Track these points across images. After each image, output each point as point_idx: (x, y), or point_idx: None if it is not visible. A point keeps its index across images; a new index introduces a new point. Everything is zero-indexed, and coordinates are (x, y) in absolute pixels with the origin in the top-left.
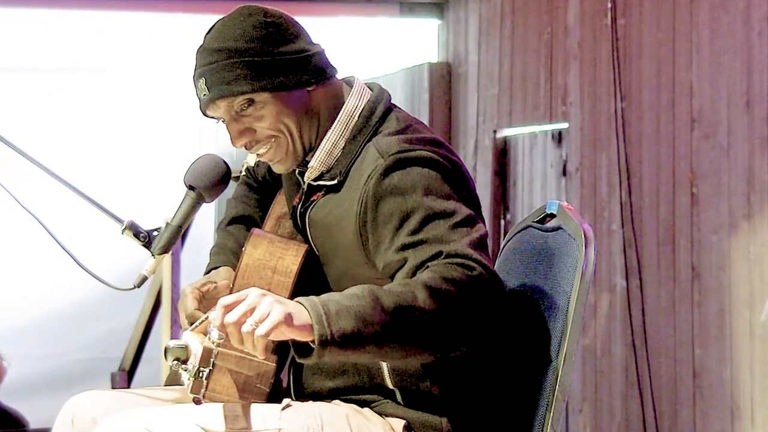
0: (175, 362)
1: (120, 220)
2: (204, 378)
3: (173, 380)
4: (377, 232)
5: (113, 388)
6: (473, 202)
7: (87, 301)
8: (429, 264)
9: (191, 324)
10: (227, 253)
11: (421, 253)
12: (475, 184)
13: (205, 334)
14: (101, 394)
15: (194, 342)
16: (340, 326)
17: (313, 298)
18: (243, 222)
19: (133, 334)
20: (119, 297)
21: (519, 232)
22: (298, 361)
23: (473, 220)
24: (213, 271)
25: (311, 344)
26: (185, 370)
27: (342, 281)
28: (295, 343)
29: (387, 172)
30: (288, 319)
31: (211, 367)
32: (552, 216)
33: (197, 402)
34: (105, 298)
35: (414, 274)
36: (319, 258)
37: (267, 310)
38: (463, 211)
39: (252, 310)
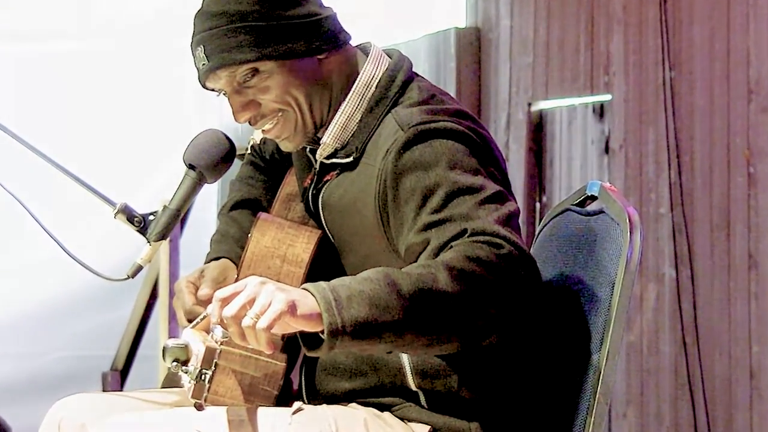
0: (175, 364)
1: (112, 203)
2: (207, 381)
3: (171, 381)
4: (398, 212)
5: (104, 389)
6: (503, 180)
7: (74, 294)
8: (453, 243)
9: (191, 321)
10: (230, 242)
11: (444, 232)
12: (505, 162)
13: (207, 331)
14: (91, 397)
15: (195, 341)
16: (352, 313)
17: (321, 283)
18: (248, 206)
19: (126, 329)
20: (111, 289)
21: (556, 216)
22: (307, 354)
23: (503, 196)
24: (213, 262)
25: (321, 335)
26: (186, 372)
27: (361, 271)
28: (303, 334)
29: (407, 145)
30: (292, 308)
31: (214, 369)
32: (593, 198)
33: (199, 408)
34: (95, 289)
35: (437, 256)
36: (335, 245)
37: (268, 300)
38: (492, 186)
39: (252, 302)
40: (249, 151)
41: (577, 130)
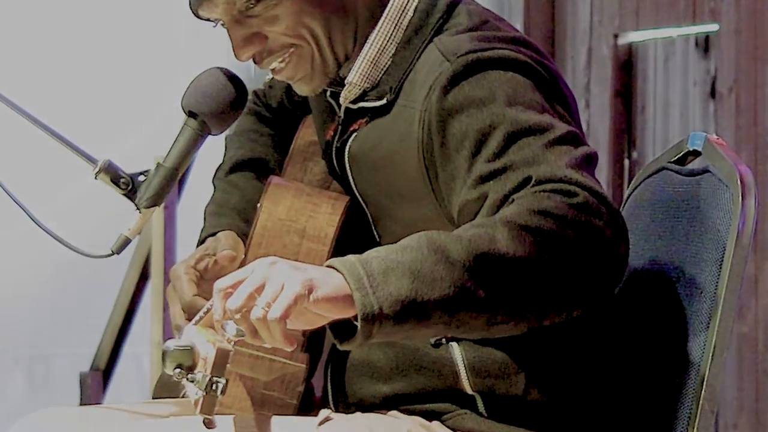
0: (178, 371)
1: (92, 160)
2: (219, 391)
3: (165, 387)
4: (448, 163)
5: (83, 393)
6: (576, 127)
7: (42, 275)
8: (514, 196)
9: (190, 317)
10: (230, 213)
11: (503, 182)
12: (578, 109)
13: (215, 328)
14: (65, 413)
15: (202, 341)
16: (390, 291)
17: (348, 257)
18: (251, 167)
19: (110, 319)
20: (90, 268)
21: (649, 176)
22: (340, 348)
23: (576, 137)
24: (210, 238)
25: (354, 321)
26: (192, 381)
27: None
28: (332, 324)
29: (455, 79)
30: (310, 289)
31: (227, 377)
32: (695, 154)
33: (209, 425)
34: (69, 270)
35: (496, 213)
36: (368, 213)
37: (280, 284)
38: (562, 126)
39: (261, 289)
40: (251, 98)
41: (676, 68)
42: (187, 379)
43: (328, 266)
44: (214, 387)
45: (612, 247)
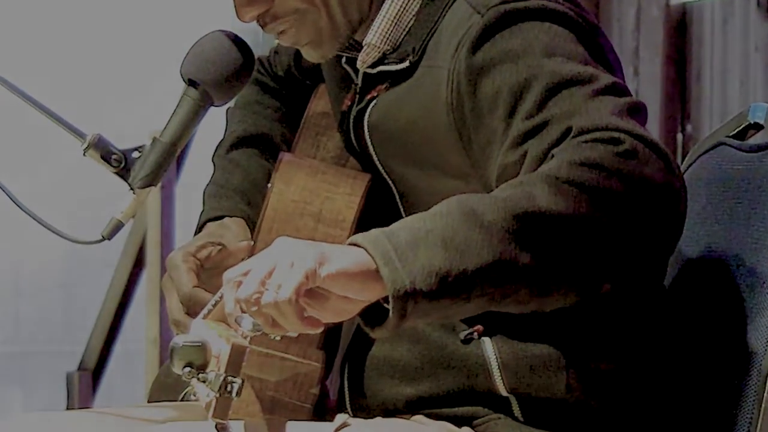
0: (188, 370)
1: (80, 134)
2: (235, 393)
3: (163, 389)
4: (482, 127)
5: (69, 396)
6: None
7: (25, 265)
8: (554, 150)
9: (189, 311)
10: (231, 195)
11: (543, 138)
12: (623, 73)
13: (230, 324)
14: (48, 419)
15: (213, 337)
16: (421, 263)
17: (370, 231)
18: (255, 144)
19: (100, 314)
20: (79, 256)
21: (705, 152)
22: (372, 336)
23: (622, 89)
24: (212, 224)
25: (383, 304)
26: (204, 381)
27: None
28: (361, 313)
29: (487, 32)
30: (322, 262)
31: (242, 378)
32: (757, 127)
33: (222, 430)
34: (56, 258)
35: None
36: (393, 190)
37: (289, 262)
38: (606, 77)
39: (272, 272)
40: (256, 66)
41: (735, 31)
42: (198, 378)
43: (350, 242)
44: (228, 388)
45: (666, 197)
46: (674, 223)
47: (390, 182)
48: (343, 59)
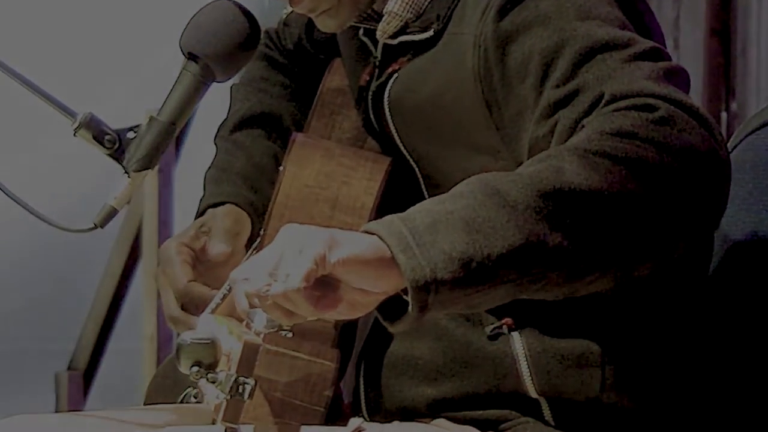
0: (196, 369)
1: (71, 113)
2: (247, 395)
3: (159, 391)
4: (512, 97)
5: (58, 400)
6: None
7: (7, 254)
8: (585, 120)
9: (186, 307)
10: (233, 180)
11: (574, 107)
12: (664, 37)
13: (240, 320)
14: (36, 421)
15: (223, 333)
16: (442, 247)
17: (385, 217)
18: (260, 124)
19: (91, 309)
20: (68, 245)
21: (752, 133)
22: (391, 330)
23: (659, 53)
24: (209, 210)
25: (403, 295)
26: (213, 382)
27: None
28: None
29: None
30: (331, 246)
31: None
32: None
33: None
34: (42, 247)
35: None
36: (417, 172)
37: (297, 249)
38: (644, 41)
39: (280, 262)
40: (262, 39)
41: None
42: (207, 379)
43: (364, 230)
44: (240, 390)
45: (708, 166)
46: (718, 196)
47: (413, 164)
48: (361, 30)
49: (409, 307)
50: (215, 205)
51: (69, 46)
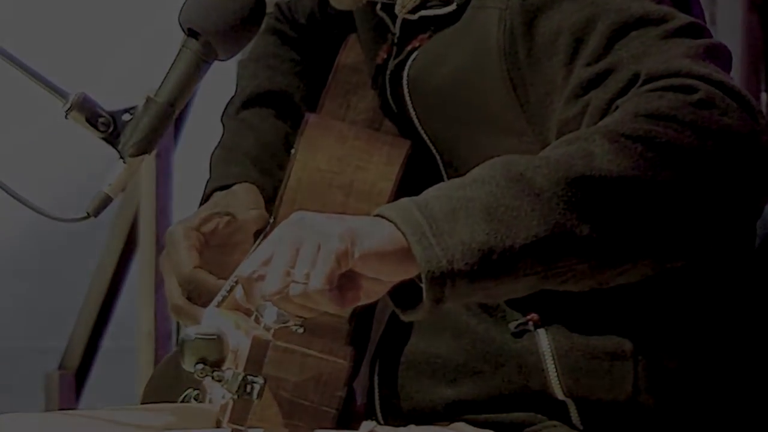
0: (201, 366)
1: (62, 94)
2: (255, 394)
3: (158, 391)
4: (539, 75)
5: (48, 400)
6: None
7: None
8: (619, 101)
9: (190, 295)
10: (241, 160)
11: (608, 87)
12: (703, 12)
13: (249, 314)
14: (27, 423)
15: (229, 328)
16: (460, 237)
17: (401, 201)
18: (270, 102)
19: (84, 305)
20: (60, 236)
21: None
22: (404, 319)
23: (700, 30)
24: (219, 193)
25: (418, 282)
26: (219, 380)
27: None
28: (393, 291)
29: None
30: (353, 241)
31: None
32: None
33: None
34: (31, 238)
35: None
36: (436, 156)
37: (315, 243)
38: (682, 16)
39: (295, 257)
40: (271, 12)
41: None
42: (213, 377)
43: (377, 214)
44: (247, 389)
45: (749, 152)
46: (760, 183)
47: (433, 148)
48: (378, 5)
49: (424, 299)
50: (223, 188)
51: (61, 22)
